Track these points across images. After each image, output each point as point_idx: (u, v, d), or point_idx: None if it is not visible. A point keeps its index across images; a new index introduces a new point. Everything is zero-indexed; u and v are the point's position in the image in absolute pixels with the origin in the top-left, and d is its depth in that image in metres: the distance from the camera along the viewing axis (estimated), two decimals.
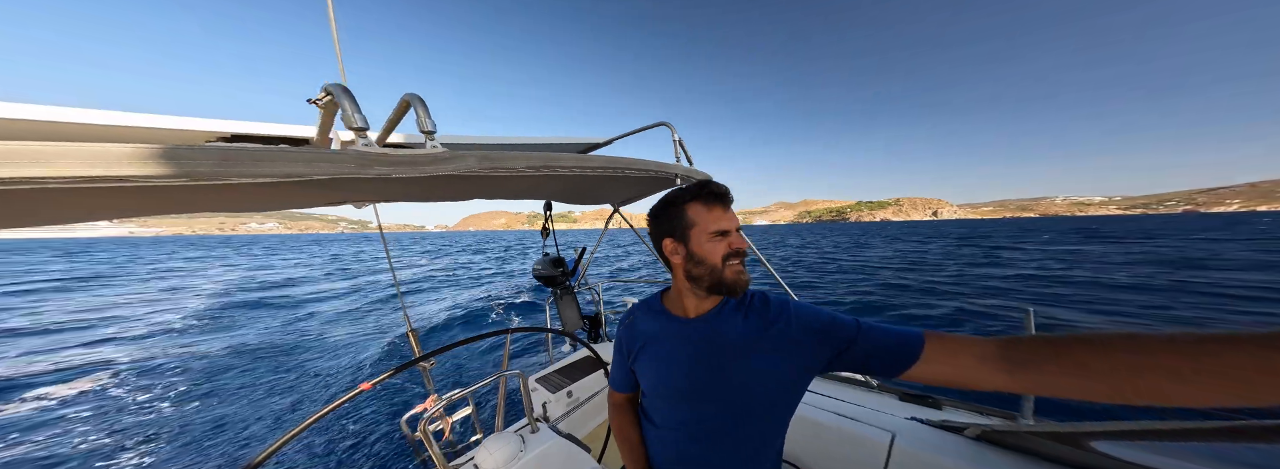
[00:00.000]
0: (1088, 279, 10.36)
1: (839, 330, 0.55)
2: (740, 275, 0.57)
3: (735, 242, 0.58)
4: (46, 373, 5.04)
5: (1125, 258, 15.86)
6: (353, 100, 0.48)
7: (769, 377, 0.57)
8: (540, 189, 1.26)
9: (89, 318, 8.68)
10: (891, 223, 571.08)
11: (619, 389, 0.78)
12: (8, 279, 17.59)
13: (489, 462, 1.01)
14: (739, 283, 0.57)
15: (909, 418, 1.13)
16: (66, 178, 0.32)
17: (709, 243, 0.57)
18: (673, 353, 0.63)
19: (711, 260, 0.57)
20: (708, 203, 0.58)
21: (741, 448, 0.61)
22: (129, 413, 3.92)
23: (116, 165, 0.34)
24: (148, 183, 0.36)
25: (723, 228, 0.57)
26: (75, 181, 0.33)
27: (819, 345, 0.55)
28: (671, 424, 0.65)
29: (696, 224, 0.58)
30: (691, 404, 0.62)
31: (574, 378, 1.82)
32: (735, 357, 0.58)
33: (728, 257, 0.57)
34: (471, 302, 9.48)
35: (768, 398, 0.58)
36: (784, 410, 0.61)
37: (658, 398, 0.67)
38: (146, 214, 0.67)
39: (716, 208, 0.58)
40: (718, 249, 0.57)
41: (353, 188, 0.72)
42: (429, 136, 0.55)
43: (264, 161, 0.40)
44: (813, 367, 0.57)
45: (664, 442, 0.67)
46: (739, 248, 0.57)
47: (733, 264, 0.57)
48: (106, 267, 25.87)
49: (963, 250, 21.90)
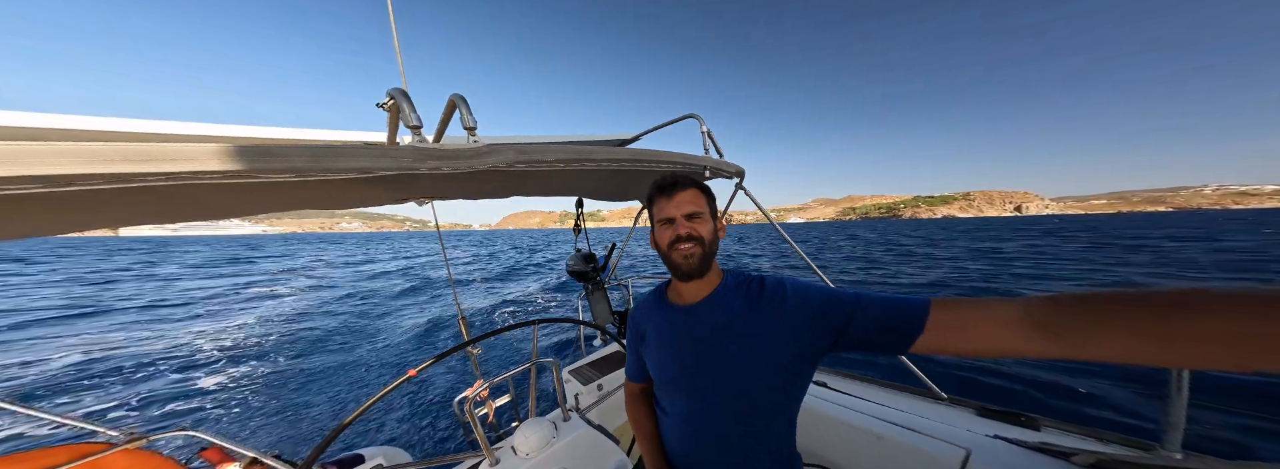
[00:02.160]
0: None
1: (836, 306, 0.53)
2: (685, 259, 0.59)
3: (680, 227, 0.59)
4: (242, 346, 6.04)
5: None
6: (410, 103, 0.56)
7: (761, 360, 0.57)
8: (574, 185, 1.30)
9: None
10: (956, 220, 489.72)
11: (634, 379, 0.80)
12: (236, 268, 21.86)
13: (525, 445, 1.06)
14: (681, 265, 0.60)
15: (992, 436, 0.97)
16: (212, 173, 0.42)
17: (660, 231, 0.62)
18: (670, 340, 0.65)
19: (660, 247, 0.62)
20: (657, 195, 0.62)
21: (743, 435, 0.60)
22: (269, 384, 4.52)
23: (238, 161, 0.43)
24: (262, 178, 0.45)
25: (666, 216, 0.61)
26: (220, 176, 0.43)
27: (816, 324, 0.54)
28: (676, 411, 0.66)
29: (655, 216, 0.63)
30: (688, 390, 0.63)
31: (604, 371, 1.84)
32: (723, 340, 0.59)
33: (671, 242, 0.60)
34: (514, 294, 10.28)
35: (762, 381, 0.57)
36: (785, 396, 0.59)
37: (662, 386, 0.69)
38: (259, 211, 0.78)
39: (661, 199, 0.61)
40: (664, 235, 0.61)
41: (412, 183, 0.77)
42: (471, 132, 0.61)
43: (343, 157, 0.49)
44: (813, 347, 0.55)
45: (672, 429, 0.68)
46: (683, 232, 0.59)
47: (678, 248, 0.59)
48: (286, 256, 33.13)
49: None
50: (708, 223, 0.61)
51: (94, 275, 17.98)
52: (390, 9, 0.82)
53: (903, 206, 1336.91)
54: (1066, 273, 11.13)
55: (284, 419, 3.58)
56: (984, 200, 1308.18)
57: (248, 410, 3.77)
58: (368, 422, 3.33)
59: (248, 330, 6.85)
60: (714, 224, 0.63)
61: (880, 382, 1.40)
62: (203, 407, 3.90)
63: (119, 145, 0.37)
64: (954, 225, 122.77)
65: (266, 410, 3.75)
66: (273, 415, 3.66)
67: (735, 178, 1.25)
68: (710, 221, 0.62)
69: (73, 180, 0.37)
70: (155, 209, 0.64)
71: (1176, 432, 0.80)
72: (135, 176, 0.39)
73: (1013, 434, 0.98)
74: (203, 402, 4.02)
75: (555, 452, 1.08)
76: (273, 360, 5.22)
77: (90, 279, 16.26)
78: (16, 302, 10.59)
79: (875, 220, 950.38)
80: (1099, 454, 0.79)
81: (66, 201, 0.50)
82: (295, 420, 3.55)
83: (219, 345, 5.95)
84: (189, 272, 19.17)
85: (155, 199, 0.54)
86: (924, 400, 1.25)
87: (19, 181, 0.35)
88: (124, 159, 0.38)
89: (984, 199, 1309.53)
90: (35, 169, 0.34)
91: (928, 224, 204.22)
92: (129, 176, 0.39)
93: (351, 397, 4.06)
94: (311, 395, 4.11)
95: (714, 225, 0.63)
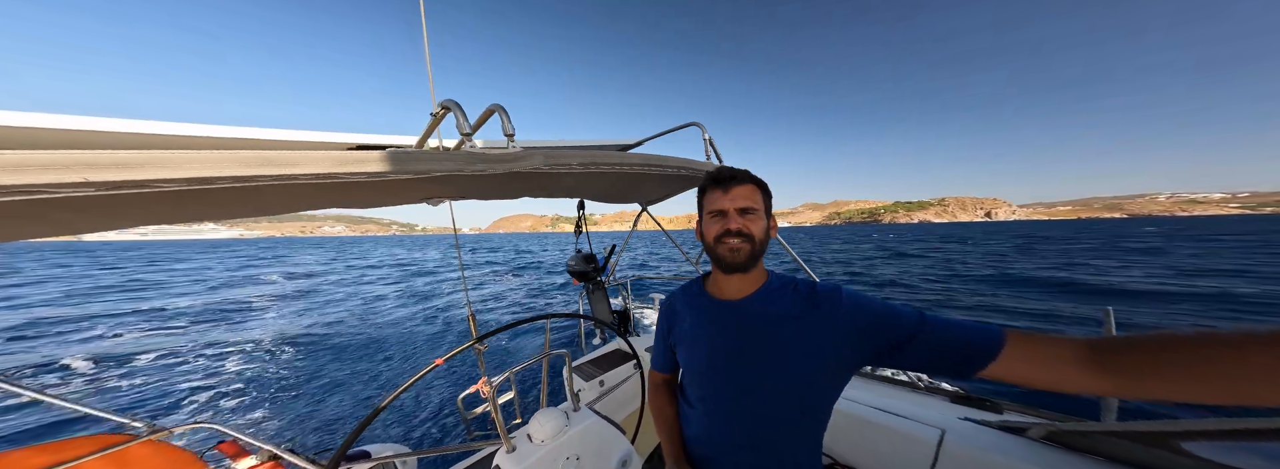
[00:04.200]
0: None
1: (896, 322, 0.53)
2: (731, 252, 0.60)
3: (731, 221, 0.60)
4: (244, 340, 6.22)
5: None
6: (463, 112, 0.60)
7: (801, 363, 0.57)
8: (583, 188, 1.39)
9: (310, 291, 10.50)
10: (931, 225, 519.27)
11: (659, 369, 0.82)
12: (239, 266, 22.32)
13: (540, 432, 1.10)
14: (727, 259, 0.60)
15: (962, 418, 1.10)
16: (315, 175, 0.48)
17: (708, 223, 0.63)
18: (707, 333, 0.66)
19: (707, 238, 0.63)
20: (710, 186, 0.63)
21: (771, 432, 0.60)
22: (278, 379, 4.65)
23: (344, 165, 0.49)
24: (356, 179, 0.52)
25: (718, 208, 0.61)
26: (320, 179, 0.49)
27: (867, 336, 0.54)
28: (702, 404, 0.67)
29: (703, 207, 0.64)
30: (720, 384, 0.63)
31: (605, 368, 1.97)
32: (767, 340, 0.59)
33: (721, 235, 0.60)
34: (515, 294, 10.67)
35: (802, 383, 0.57)
36: (820, 399, 0.60)
37: (691, 377, 0.70)
38: (315, 208, 0.90)
39: (716, 190, 0.62)
40: (712, 228, 0.62)
41: (449, 184, 0.84)
42: (510, 139, 0.65)
43: (414, 161, 0.55)
44: (857, 357, 0.55)
45: (696, 420, 0.68)
46: (732, 227, 0.59)
47: (727, 242, 0.60)
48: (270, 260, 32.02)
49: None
50: (761, 220, 0.61)
51: (140, 277, 17.74)
52: (423, 22, 0.89)
53: (883, 212, 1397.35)
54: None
55: (299, 415, 3.59)
56: (957, 206, 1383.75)
57: (265, 406, 3.78)
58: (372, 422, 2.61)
59: (267, 331, 6.84)
60: (767, 222, 0.62)
61: (864, 373, 1.52)
62: (222, 401, 3.96)
63: (244, 153, 0.43)
64: (905, 230, 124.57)
65: (283, 407, 3.76)
66: (289, 411, 3.67)
67: None
68: (763, 219, 0.61)
69: (208, 182, 0.42)
70: (245, 207, 0.73)
71: (1111, 411, 0.94)
72: (253, 179, 0.45)
73: (979, 416, 1.10)
74: (223, 397, 4.07)
75: (568, 440, 1.12)
76: (291, 359, 5.21)
77: (130, 283, 15.85)
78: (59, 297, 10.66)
79: (857, 225, 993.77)
80: (1050, 427, 0.90)
81: (180, 197, 0.53)
82: (309, 416, 3.57)
83: (239, 344, 6.00)
84: (203, 273, 19.20)
85: (250, 197, 0.60)
86: (903, 389, 1.37)
87: (168, 183, 0.40)
88: (247, 164, 0.43)
89: (957, 205, 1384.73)
90: (183, 172, 0.40)
91: (903, 228, 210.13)
92: (249, 179, 0.44)
93: (366, 393, 4.03)
94: (328, 392, 4.10)
95: (767, 223, 0.62)
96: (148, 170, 0.39)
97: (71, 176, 0.36)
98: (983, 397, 1.24)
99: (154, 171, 0.39)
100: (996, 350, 0.45)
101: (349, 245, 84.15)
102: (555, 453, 1.10)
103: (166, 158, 0.39)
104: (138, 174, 0.39)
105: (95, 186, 0.38)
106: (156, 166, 0.39)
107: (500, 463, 1.07)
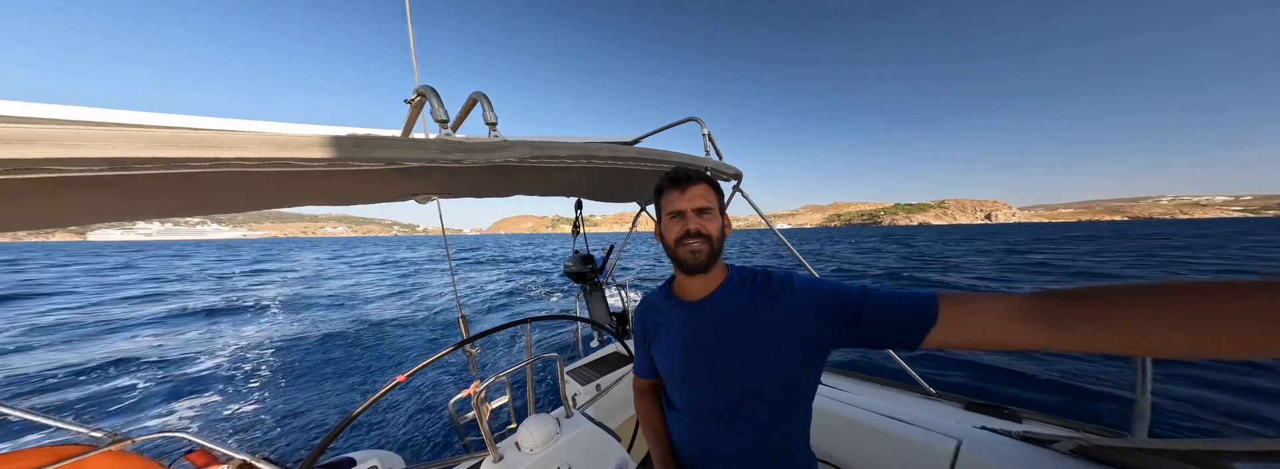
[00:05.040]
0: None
1: (845, 300, 0.54)
2: (692, 255, 0.59)
3: (690, 222, 0.59)
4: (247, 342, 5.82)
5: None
6: (438, 99, 0.59)
7: (773, 353, 0.57)
8: (577, 185, 1.33)
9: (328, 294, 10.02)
10: (930, 227, 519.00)
11: (641, 375, 0.81)
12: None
13: (529, 441, 1.06)
14: (688, 261, 0.60)
15: (979, 427, 1.03)
16: (255, 160, 0.45)
17: (668, 224, 0.62)
18: (678, 336, 0.66)
19: (667, 240, 0.62)
20: (669, 187, 0.62)
21: (750, 431, 0.60)
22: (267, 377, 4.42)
23: (281, 149, 0.46)
24: (303, 167, 0.50)
25: (676, 208, 0.60)
26: (262, 164, 0.46)
27: (825, 317, 0.55)
28: (686, 407, 0.67)
29: (663, 208, 0.63)
30: (699, 386, 0.63)
31: (602, 372, 1.91)
32: (736, 335, 0.59)
33: (680, 237, 0.59)
34: (505, 295, 10.21)
35: (776, 376, 0.58)
36: (797, 390, 0.60)
37: (670, 381, 0.70)
38: (288, 204, 0.88)
39: (673, 191, 0.61)
40: (672, 229, 0.61)
41: (430, 176, 0.81)
42: (492, 127, 0.63)
43: (379, 148, 0.52)
44: (822, 341, 0.56)
45: (682, 425, 0.68)
46: (691, 228, 0.59)
47: (686, 243, 0.59)
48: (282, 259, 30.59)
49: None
50: (717, 219, 0.61)
51: (165, 275, 17.15)
52: (407, 9, 0.88)
53: (883, 214, 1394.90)
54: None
55: (281, 423, 3.41)
56: (957, 208, 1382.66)
57: (241, 414, 3.60)
58: (365, 425, 3.19)
59: (248, 332, 6.56)
60: (722, 221, 0.63)
61: (871, 378, 1.48)
62: (191, 409, 3.73)
63: (172, 132, 0.40)
64: (903, 233, 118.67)
65: (262, 414, 3.59)
66: (268, 419, 3.48)
67: (733, 180, 1.25)
68: (718, 218, 0.62)
69: (129, 163, 0.38)
70: (196, 200, 0.69)
71: (1143, 421, 0.87)
72: (185, 162, 0.41)
73: (998, 425, 1.04)
74: (192, 404, 3.85)
75: (559, 447, 1.08)
76: (271, 363, 5.01)
77: (156, 283, 15.07)
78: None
79: (857, 226, 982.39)
80: (1078, 440, 0.83)
81: (117, 186, 0.51)
82: (292, 424, 3.39)
83: (214, 348, 5.72)
84: (191, 273, 18.38)
85: (197, 188, 0.58)
86: (914, 396, 1.31)
87: (81, 163, 0.36)
88: (174, 145, 0.39)
89: (957, 207, 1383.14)
90: (95, 151, 0.36)
91: (901, 231, 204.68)
92: (180, 161, 0.41)
93: (351, 400, 3.93)
94: (310, 399, 3.92)
95: (722, 222, 0.63)
96: (54, 148, 0.33)
97: None
98: (999, 404, 1.19)
99: (62, 150, 0.34)
100: (933, 318, 0.46)
101: (348, 247, 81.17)
102: (545, 462, 1.05)
103: (81, 134, 0.34)
104: (42, 152, 0.33)
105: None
106: (67, 144, 0.34)
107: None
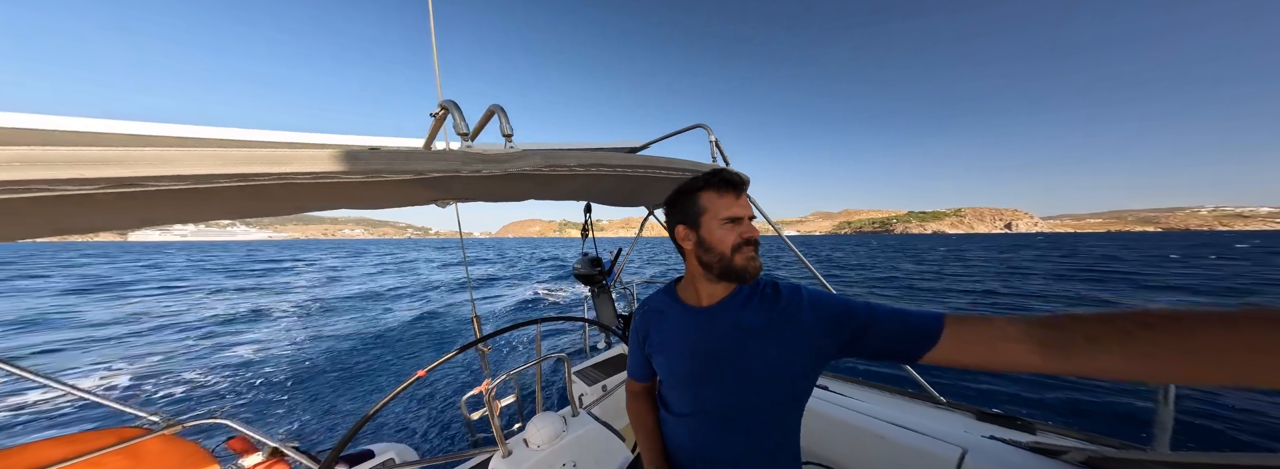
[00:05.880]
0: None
1: (852, 315, 0.55)
2: (751, 262, 0.59)
3: (747, 230, 0.59)
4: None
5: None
6: (460, 112, 0.63)
7: (779, 363, 0.58)
8: (587, 191, 1.36)
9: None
10: (946, 236, 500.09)
11: (636, 378, 0.81)
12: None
13: (536, 438, 1.09)
14: (749, 269, 0.59)
15: (987, 437, 1.01)
16: (310, 173, 0.51)
17: (720, 229, 0.59)
18: (684, 340, 0.65)
19: (722, 247, 0.59)
20: (720, 190, 0.60)
21: (752, 435, 0.62)
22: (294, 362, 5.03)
23: (337, 163, 0.51)
24: (343, 178, 0.56)
25: (735, 214, 0.59)
26: (316, 177, 0.52)
27: (831, 331, 0.56)
28: (684, 411, 0.67)
29: (707, 210, 0.60)
30: (701, 390, 0.64)
31: (609, 373, 1.95)
32: (746, 343, 0.59)
33: (739, 244, 0.58)
34: (521, 297, 10.86)
35: (778, 385, 0.59)
36: (795, 399, 0.62)
37: (671, 385, 0.69)
38: (323, 208, 0.92)
39: (728, 195, 0.60)
40: (729, 236, 0.59)
41: (451, 185, 0.85)
42: (508, 139, 0.67)
43: (411, 160, 0.57)
44: (824, 354, 0.57)
45: (678, 428, 0.69)
46: (750, 236, 0.59)
47: (744, 251, 0.58)
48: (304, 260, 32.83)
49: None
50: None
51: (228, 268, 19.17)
52: (432, 25, 0.93)
53: (895, 221, 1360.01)
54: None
55: (311, 413, 3.69)
56: (974, 217, 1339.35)
57: (275, 404, 3.90)
58: (382, 419, 3.37)
59: (286, 327, 7.09)
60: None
61: (881, 386, 1.47)
62: (234, 396, 4.09)
63: (247, 151, 0.46)
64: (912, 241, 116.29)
65: (294, 405, 3.88)
66: (300, 410, 3.77)
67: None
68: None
69: (210, 179, 0.45)
70: (249, 205, 0.77)
71: (1165, 433, 0.82)
72: (255, 176, 0.48)
73: (1008, 436, 1.01)
74: (236, 393, 4.21)
75: (565, 445, 1.10)
76: (306, 357, 5.33)
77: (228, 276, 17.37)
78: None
79: (868, 234, 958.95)
80: (1090, 451, 0.81)
81: (191, 195, 0.56)
82: (320, 415, 3.66)
83: (257, 340, 6.20)
84: (228, 271, 19.84)
85: (253, 196, 0.64)
86: (923, 404, 1.30)
87: (170, 180, 0.42)
88: (248, 162, 0.45)
89: (974, 216, 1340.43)
90: (184, 169, 0.42)
91: (915, 239, 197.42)
92: (251, 176, 0.48)
93: (374, 392, 4.14)
94: (338, 391, 4.19)
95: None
96: (149, 167, 0.40)
97: (71, 172, 0.36)
98: (1012, 415, 1.18)
99: (156, 169, 0.40)
100: (937, 335, 0.47)
101: (366, 247, 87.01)
102: (551, 459, 1.10)
103: (169, 155, 0.40)
104: (140, 170, 0.40)
105: (97, 184, 0.39)
106: (159, 164, 0.40)
107: (496, 468, 1.08)
